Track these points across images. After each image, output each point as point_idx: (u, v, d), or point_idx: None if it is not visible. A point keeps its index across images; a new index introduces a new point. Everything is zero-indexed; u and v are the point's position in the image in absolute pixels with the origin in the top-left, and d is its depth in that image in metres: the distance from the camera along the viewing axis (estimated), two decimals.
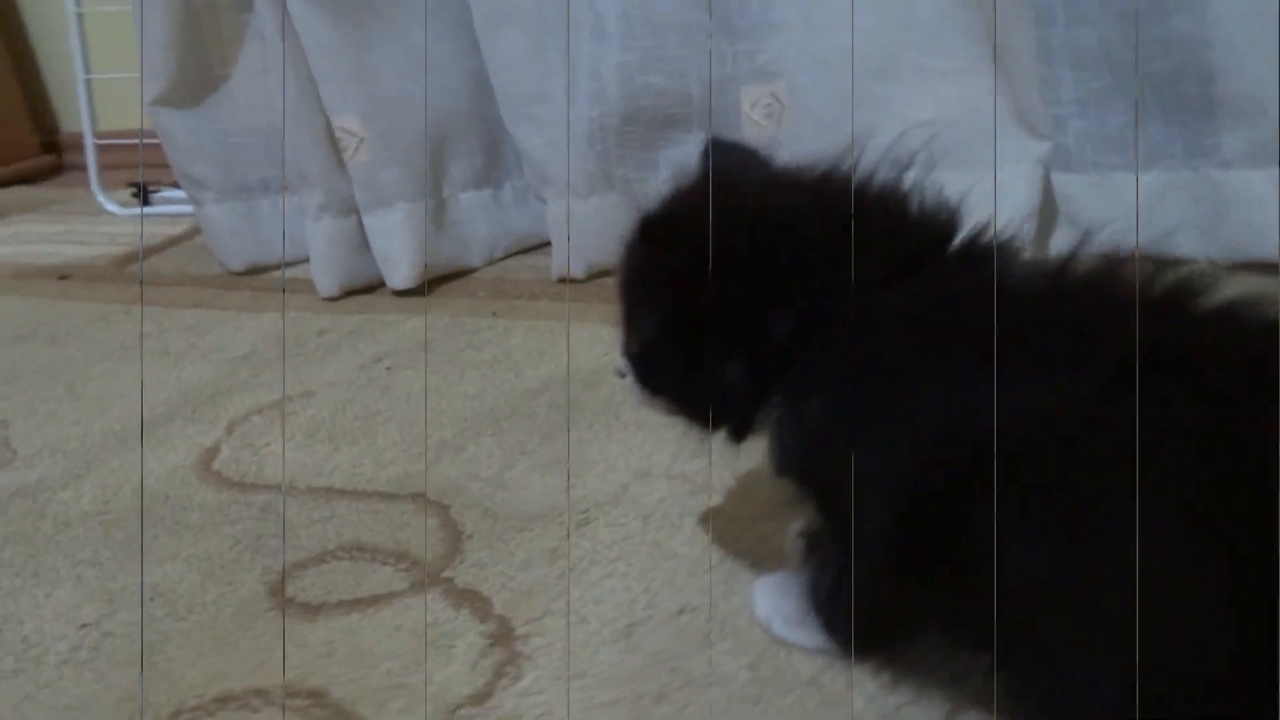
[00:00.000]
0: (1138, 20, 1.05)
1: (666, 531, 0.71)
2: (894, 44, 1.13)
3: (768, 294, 0.49)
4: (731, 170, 0.56)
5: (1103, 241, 0.48)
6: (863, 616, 0.53)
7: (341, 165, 1.24)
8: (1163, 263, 0.45)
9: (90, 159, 1.83)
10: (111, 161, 1.86)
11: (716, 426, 0.54)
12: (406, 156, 1.25)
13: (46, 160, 2.39)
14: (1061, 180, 1.13)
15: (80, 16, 1.79)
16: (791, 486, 0.52)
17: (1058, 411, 0.41)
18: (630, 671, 0.58)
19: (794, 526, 0.63)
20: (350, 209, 1.26)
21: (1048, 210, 1.12)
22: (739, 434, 0.54)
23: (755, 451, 0.68)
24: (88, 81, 1.80)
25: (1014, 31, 1.07)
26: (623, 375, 0.58)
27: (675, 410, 0.56)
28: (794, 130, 1.20)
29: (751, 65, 1.21)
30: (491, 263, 1.34)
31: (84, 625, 0.67)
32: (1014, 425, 0.42)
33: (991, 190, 1.11)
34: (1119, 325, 0.42)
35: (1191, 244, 1.05)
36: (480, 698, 0.58)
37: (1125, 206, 1.12)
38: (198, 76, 1.35)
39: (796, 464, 0.51)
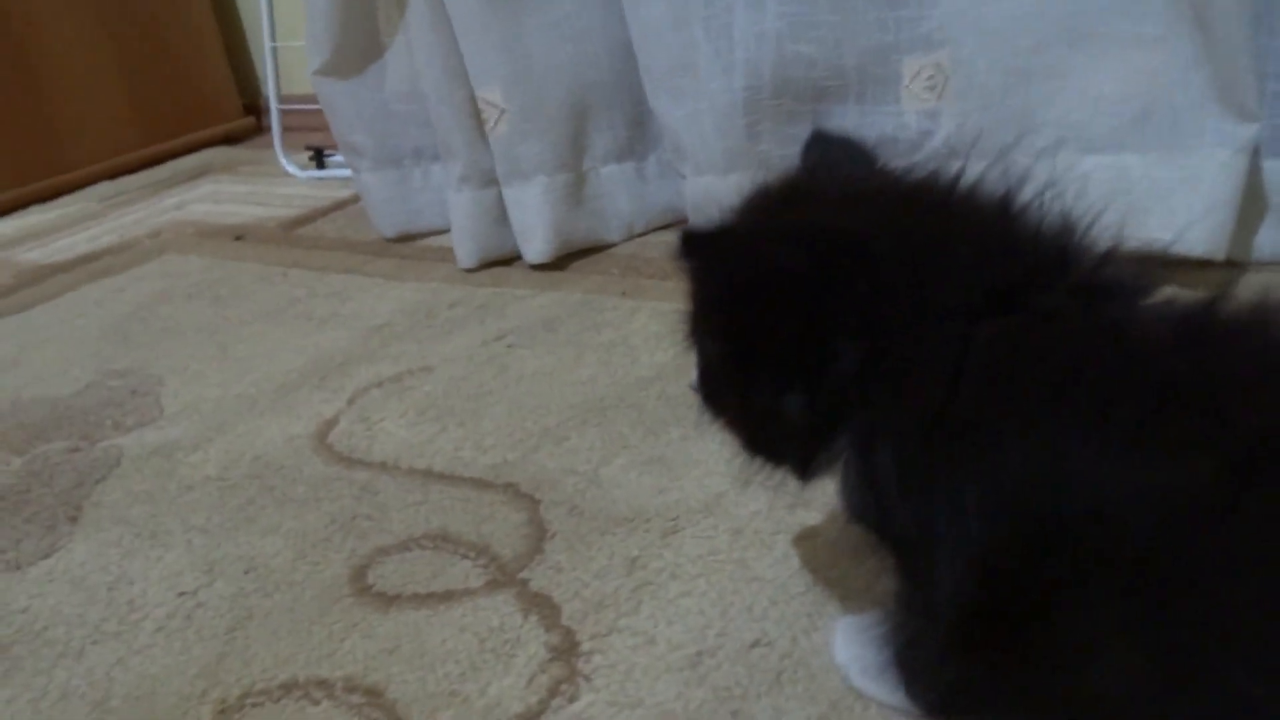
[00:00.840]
0: None
1: (755, 550, 0.66)
2: (1078, 6, 1.00)
3: (836, 321, 0.42)
4: (822, 171, 0.50)
5: None
6: (941, 683, 0.47)
7: (483, 137, 1.23)
8: None
9: (274, 123, 1.93)
10: (298, 124, 1.96)
11: (779, 463, 0.49)
12: (547, 129, 1.23)
13: (247, 122, 2.54)
14: (1276, 168, 0.97)
15: None
16: (865, 534, 0.46)
17: (1174, 493, 0.33)
18: (690, 708, 0.54)
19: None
20: (491, 181, 1.25)
21: (1254, 205, 0.97)
22: (803, 472, 0.48)
23: None
24: (273, 49, 1.90)
25: None
26: (695, 390, 0.53)
27: (735, 438, 0.50)
28: (958, 105, 1.09)
29: (914, 33, 1.10)
30: (631, 238, 1.31)
31: (182, 593, 0.70)
32: (1118, 503, 0.34)
33: (1184, 181, 0.97)
34: (1264, 389, 0.33)
35: None
36: (531, 716, 0.55)
37: None
38: (359, 48, 1.38)
39: (867, 514, 0.45)
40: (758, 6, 1.10)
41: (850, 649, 0.55)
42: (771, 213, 0.47)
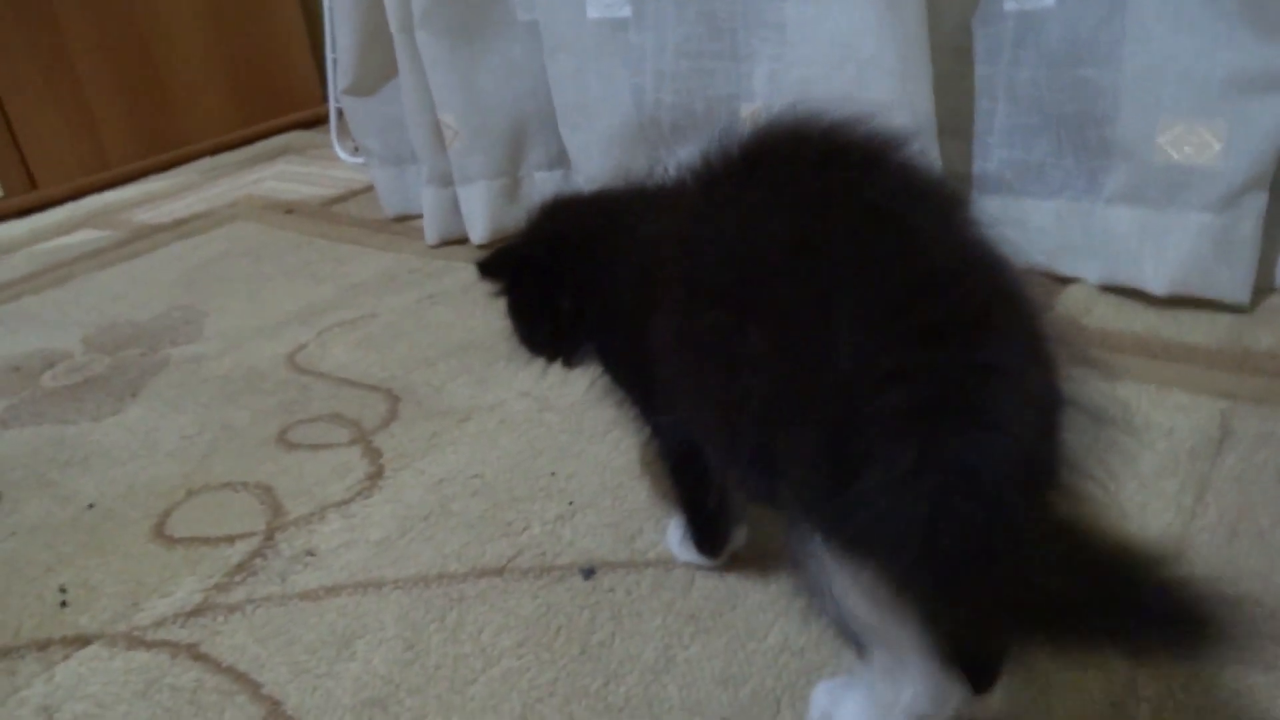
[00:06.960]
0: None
1: (507, 432, 1.10)
2: (840, 80, 1.37)
3: (558, 288, 0.79)
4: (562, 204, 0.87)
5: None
6: (704, 529, 0.83)
7: (444, 149, 1.68)
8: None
9: (331, 117, 2.43)
10: None
11: (552, 359, 0.86)
12: (490, 146, 1.66)
13: (325, 109, 3.06)
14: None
15: (330, 8, 2.36)
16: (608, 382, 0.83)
17: None
18: (423, 503, 0.99)
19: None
20: (449, 182, 1.70)
21: None
22: (567, 364, 0.86)
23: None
24: (333, 59, 2.38)
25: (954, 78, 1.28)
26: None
27: (533, 353, 0.88)
28: None
29: (748, 86, 1.50)
30: None
31: (184, 436, 1.18)
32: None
33: None
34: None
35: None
36: (343, 502, 1.01)
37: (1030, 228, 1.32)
38: (374, 76, 1.84)
39: (610, 373, 0.82)
40: (635, 64, 1.51)
41: (672, 536, 0.87)
42: (533, 227, 0.84)
